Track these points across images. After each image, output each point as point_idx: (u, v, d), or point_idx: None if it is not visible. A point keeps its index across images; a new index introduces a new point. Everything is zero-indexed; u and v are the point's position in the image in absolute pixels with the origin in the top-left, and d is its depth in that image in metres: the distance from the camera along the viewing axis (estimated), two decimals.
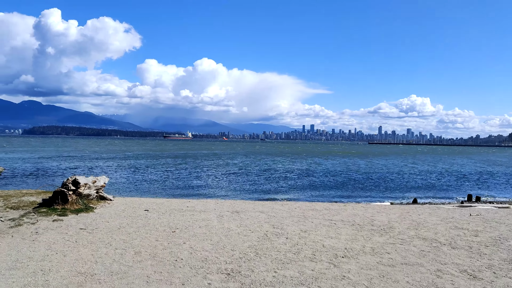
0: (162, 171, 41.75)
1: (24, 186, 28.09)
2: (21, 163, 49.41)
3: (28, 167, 43.71)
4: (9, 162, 49.68)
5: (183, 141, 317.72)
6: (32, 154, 67.23)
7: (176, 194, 24.71)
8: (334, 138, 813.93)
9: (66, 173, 38.71)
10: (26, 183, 30.19)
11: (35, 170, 40.43)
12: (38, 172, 38.67)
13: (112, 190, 26.07)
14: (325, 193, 28.85)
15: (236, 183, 32.30)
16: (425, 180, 40.27)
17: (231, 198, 24.68)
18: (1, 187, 27.92)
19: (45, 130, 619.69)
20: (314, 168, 51.33)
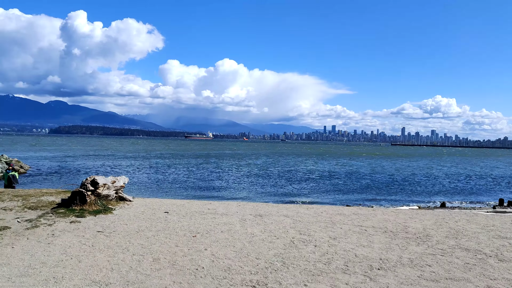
0: (184, 171, 41.63)
1: (47, 184, 28.33)
2: (48, 161, 50.31)
3: (54, 166, 44.38)
4: (35, 160, 50.67)
5: (204, 141, 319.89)
6: (58, 153, 68.53)
7: (197, 195, 24.32)
8: (356, 139, 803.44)
9: (90, 171, 39.03)
10: (50, 182, 30.47)
11: (60, 169, 40.96)
12: (62, 171, 39.14)
13: (133, 190, 25.92)
14: (349, 196, 27.94)
15: (257, 185, 31.76)
16: (452, 183, 38.74)
17: (253, 200, 24.12)
18: (26, 185, 28.22)
19: (70, 129, 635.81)
20: (337, 170, 50.27)
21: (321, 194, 28.32)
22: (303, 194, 27.85)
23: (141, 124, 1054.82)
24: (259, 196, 25.91)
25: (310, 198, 25.98)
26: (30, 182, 30.09)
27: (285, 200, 24.97)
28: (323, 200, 25.71)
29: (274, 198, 25.75)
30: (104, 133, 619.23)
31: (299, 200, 25.35)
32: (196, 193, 26.62)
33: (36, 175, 35.34)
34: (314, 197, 26.70)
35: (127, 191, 24.12)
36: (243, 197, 25.51)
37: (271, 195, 26.64)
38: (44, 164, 46.08)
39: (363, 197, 27.69)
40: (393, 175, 45.09)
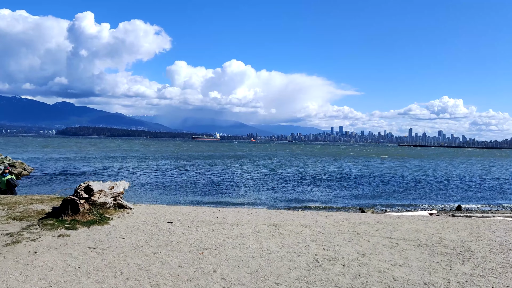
0: (192, 173, 40.43)
1: (47, 187, 27.24)
2: (52, 163, 49.43)
3: (58, 167, 43.46)
4: (40, 162, 49.83)
5: (211, 142, 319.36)
6: (64, 154, 67.75)
7: (205, 201, 23.04)
8: (363, 140, 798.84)
9: (95, 173, 37.99)
10: (51, 184, 29.43)
11: (64, 171, 39.99)
12: (67, 173, 38.17)
13: (138, 194, 24.74)
14: (362, 199, 26.56)
15: (268, 187, 30.43)
16: (465, 184, 37.23)
17: (264, 204, 22.82)
18: (28, 187, 27.20)
19: (77, 130, 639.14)
20: (347, 171, 48.78)
21: (333, 197, 26.93)
22: (315, 197, 26.49)
23: (148, 125, 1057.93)
24: (270, 200, 24.61)
25: (322, 202, 24.64)
26: (31, 184, 29.08)
27: (297, 204, 23.65)
28: (336, 203, 24.36)
29: (285, 202, 24.44)
30: (111, 134, 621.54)
31: (312, 205, 24.02)
32: (203, 197, 25.38)
33: (39, 177, 34.37)
34: (327, 200, 25.33)
35: (130, 196, 22.93)
36: (254, 201, 24.22)
37: (282, 199, 25.30)
38: (49, 166, 45.20)
39: (376, 200, 26.33)
40: (404, 176, 43.57)
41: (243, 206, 20.37)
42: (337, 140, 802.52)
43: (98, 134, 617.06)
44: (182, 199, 23.73)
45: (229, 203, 22.30)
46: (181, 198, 24.03)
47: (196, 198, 24.32)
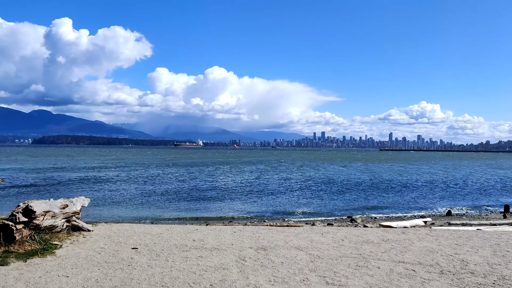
0: (172, 183, 38.14)
1: (11, 202, 24.69)
2: (25, 173, 46.42)
3: (30, 178, 40.63)
4: (12, 172, 46.71)
5: (194, 149, 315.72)
6: (39, 164, 64.29)
7: (183, 216, 20.98)
8: (345, 145, 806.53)
9: (70, 184, 35.39)
10: (20, 196, 26.91)
11: (36, 181, 37.23)
12: (39, 183, 35.49)
13: (108, 209, 22.50)
14: (350, 206, 25.02)
15: (254, 196, 28.48)
16: (450, 187, 36.42)
17: (251, 214, 20.97)
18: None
19: (55, 139, 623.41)
20: (332, 176, 47.36)
21: (321, 203, 25.28)
22: (302, 204, 24.77)
23: (129, 133, 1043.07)
24: (256, 209, 22.76)
25: (310, 209, 22.99)
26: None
27: (284, 213, 21.89)
28: (323, 210, 22.78)
29: (272, 211, 22.69)
30: (91, 143, 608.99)
31: (299, 210, 22.34)
32: (180, 211, 23.34)
33: (7, 188, 31.63)
34: (314, 207, 23.67)
35: (97, 212, 20.71)
36: (238, 211, 22.32)
37: (269, 208, 23.48)
38: (20, 176, 42.23)
39: (364, 205, 24.93)
40: (388, 180, 42.40)
41: (225, 221, 18.47)
42: (320, 145, 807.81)
43: (77, 143, 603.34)
44: (156, 214, 21.60)
45: (210, 217, 20.35)
46: (156, 213, 21.88)
47: (173, 213, 22.22)
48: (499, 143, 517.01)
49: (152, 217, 20.28)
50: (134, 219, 19.98)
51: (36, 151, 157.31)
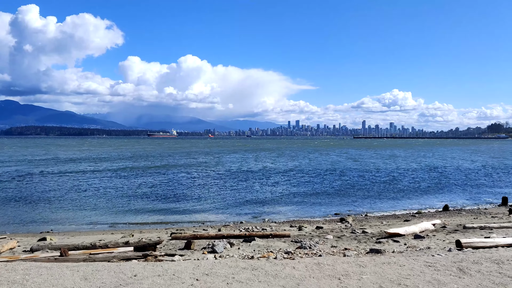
0: (139, 177, 35.38)
1: None
2: None
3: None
4: None
5: (168, 139, 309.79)
6: None
7: (144, 221, 18.57)
8: (319, 133, 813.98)
9: (23, 180, 32.15)
10: None
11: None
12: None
13: (63, 211, 19.80)
14: (335, 200, 23.23)
15: (229, 193, 26.18)
16: (435, 177, 34.92)
17: (224, 215, 18.78)
18: None
19: (24, 130, 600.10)
20: (313, 166, 45.72)
21: (304, 198, 23.38)
22: (284, 201, 22.79)
23: (101, 123, 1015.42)
24: (231, 210, 20.58)
25: (294, 207, 21.02)
26: None
27: (265, 210, 19.86)
28: (308, 208, 20.83)
29: (250, 212, 20.59)
30: (61, 134, 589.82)
31: (282, 208, 20.36)
32: (147, 208, 20.92)
33: None
34: (298, 203, 21.72)
35: (55, 213, 17.96)
36: (213, 209, 20.13)
37: (246, 208, 21.36)
38: None
39: (348, 201, 23.19)
40: (367, 171, 40.89)
41: (195, 225, 16.23)
42: (294, 134, 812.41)
43: (47, 134, 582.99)
44: (118, 215, 19.09)
45: (178, 221, 18.01)
46: (117, 215, 19.37)
47: (135, 216, 19.76)
48: (468, 130, 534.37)
49: (111, 221, 17.84)
50: (91, 222, 17.52)
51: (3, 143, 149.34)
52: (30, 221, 18.00)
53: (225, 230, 14.63)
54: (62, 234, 14.94)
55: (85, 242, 10.12)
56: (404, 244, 9.55)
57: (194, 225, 16.89)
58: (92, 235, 14.36)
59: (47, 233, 15.32)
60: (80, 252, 8.99)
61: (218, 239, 11.27)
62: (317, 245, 9.55)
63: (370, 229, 12.60)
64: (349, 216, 17.86)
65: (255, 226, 15.48)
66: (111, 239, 12.39)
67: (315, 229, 13.90)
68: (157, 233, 14.12)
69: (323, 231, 12.86)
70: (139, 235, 13.67)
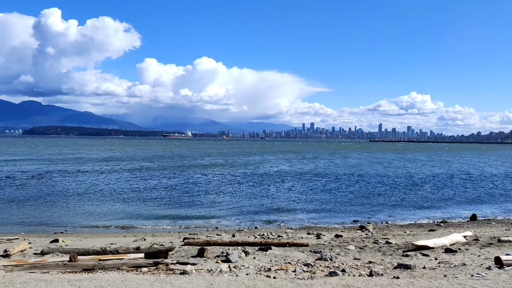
0: (154, 178, 35.19)
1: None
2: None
3: (3, 171, 37.46)
4: None
5: (183, 140, 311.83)
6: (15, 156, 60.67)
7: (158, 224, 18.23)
8: (334, 136, 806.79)
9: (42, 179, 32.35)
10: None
11: (8, 176, 34.09)
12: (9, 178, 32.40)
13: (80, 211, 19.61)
14: (354, 207, 22.46)
15: (243, 195, 25.67)
16: (460, 184, 33.27)
17: (238, 219, 18.25)
18: None
19: (45, 130, 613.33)
20: (330, 169, 44.66)
21: (321, 204, 22.70)
22: (300, 206, 22.17)
23: (118, 124, 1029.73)
24: (247, 211, 20.09)
25: (310, 213, 20.39)
26: None
27: (280, 215, 19.27)
28: (326, 214, 20.17)
29: (265, 211, 20.14)
30: (80, 134, 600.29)
31: (298, 214, 19.75)
32: (160, 211, 20.60)
33: None
34: (314, 210, 21.07)
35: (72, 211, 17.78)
36: (227, 213, 19.65)
37: (260, 211, 20.84)
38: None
39: (367, 207, 22.40)
40: (387, 175, 39.78)
41: (209, 229, 15.76)
42: (309, 136, 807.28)
43: (66, 133, 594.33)
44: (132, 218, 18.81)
45: (191, 226, 17.59)
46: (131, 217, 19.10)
47: (148, 221, 19.46)
48: (490, 134, 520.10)
49: (125, 222, 17.59)
50: (105, 223, 17.29)
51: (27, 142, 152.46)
52: (46, 220, 17.96)
53: (239, 236, 14.12)
54: (75, 235, 14.69)
55: (95, 247, 9.76)
56: (435, 259, 8.84)
57: (207, 229, 16.46)
58: (105, 237, 14.05)
59: (60, 234, 15.11)
60: (89, 257, 8.61)
61: (232, 246, 10.78)
62: (338, 256, 8.95)
63: (394, 239, 11.90)
64: (369, 223, 17.14)
65: (271, 232, 14.92)
66: (123, 243, 12.02)
67: (334, 237, 13.26)
68: (169, 237, 13.70)
69: (343, 240, 12.23)
70: (151, 239, 13.28)
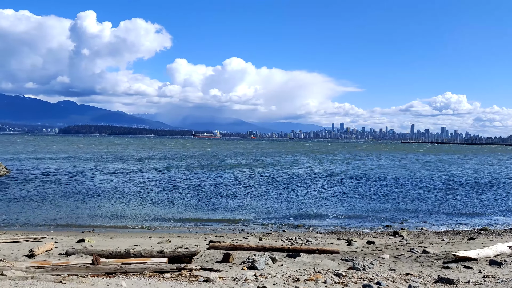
0: (183, 177, 35.32)
1: None
2: (36, 163, 44.70)
3: (40, 169, 38.72)
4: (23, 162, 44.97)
5: (212, 140, 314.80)
6: (54, 154, 62.80)
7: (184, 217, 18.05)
8: (365, 137, 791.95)
9: (75, 177, 33.15)
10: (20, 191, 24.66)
11: (44, 173, 35.18)
12: (44, 175, 33.43)
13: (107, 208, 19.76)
14: (375, 209, 21.58)
15: (270, 197, 25.22)
16: (501, 189, 31.25)
17: (265, 220, 17.83)
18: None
19: (79, 129, 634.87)
20: (360, 170, 43.29)
21: (351, 207, 21.93)
22: (329, 209, 21.48)
23: (149, 123, 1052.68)
24: (274, 211, 19.63)
25: (339, 213, 19.76)
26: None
27: (308, 217, 18.68)
28: (355, 216, 19.45)
29: (293, 212, 19.64)
30: (112, 132, 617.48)
31: (326, 216, 19.10)
32: (188, 208, 20.47)
33: (9, 181, 29.53)
34: (343, 213, 20.33)
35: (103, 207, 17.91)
36: (254, 213, 19.24)
37: (289, 208, 20.37)
38: (31, 167, 40.34)
39: (400, 211, 21.49)
40: (421, 178, 38.12)
41: (235, 231, 15.42)
42: (338, 137, 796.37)
43: (99, 132, 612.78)
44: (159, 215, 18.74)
45: (216, 226, 17.30)
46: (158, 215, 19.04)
47: (176, 214, 19.35)
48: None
49: (152, 222, 17.53)
50: (133, 223, 17.29)
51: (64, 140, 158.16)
52: (76, 217, 18.24)
53: (266, 239, 13.69)
54: (102, 235, 14.69)
55: (119, 249, 9.58)
56: (479, 272, 8.10)
57: (234, 232, 16.14)
58: (131, 237, 13.96)
59: (88, 233, 15.19)
60: (112, 260, 8.42)
61: (259, 251, 10.37)
62: (372, 266, 8.36)
63: (431, 248, 11.13)
64: (403, 229, 16.30)
65: (299, 236, 14.41)
66: (148, 244, 11.85)
67: (366, 243, 12.60)
68: (195, 239, 13.45)
69: (376, 248, 11.56)
70: (176, 240, 13.06)
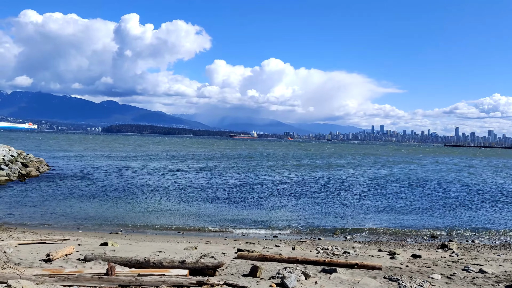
0: (212, 177, 34.90)
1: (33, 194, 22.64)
2: (77, 161, 46.04)
3: (79, 166, 39.73)
4: (65, 160, 46.48)
5: (249, 141, 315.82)
6: (97, 152, 64.70)
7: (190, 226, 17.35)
8: (405, 140, 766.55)
9: (112, 175, 33.57)
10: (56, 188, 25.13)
11: (82, 170, 35.98)
12: (82, 173, 34.17)
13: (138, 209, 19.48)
14: (419, 217, 20.02)
15: (307, 198, 24.12)
16: None
17: (299, 227, 16.78)
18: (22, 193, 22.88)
19: (121, 128, 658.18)
20: (395, 176, 41.13)
21: (386, 215, 20.41)
22: (369, 215, 20.14)
23: (187, 124, 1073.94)
24: (309, 217, 18.53)
25: (378, 222, 18.42)
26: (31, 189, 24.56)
27: (346, 225, 17.43)
28: (397, 226, 17.96)
29: (329, 219, 18.43)
30: (152, 132, 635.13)
31: (365, 225, 17.77)
32: (220, 212, 19.79)
33: (48, 178, 30.27)
34: (385, 219, 18.91)
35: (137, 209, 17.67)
36: (288, 218, 18.23)
37: (324, 215, 19.19)
38: (71, 164, 41.51)
39: (447, 219, 19.82)
40: (470, 184, 35.60)
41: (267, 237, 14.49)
42: (378, 139, 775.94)
43: (140, 132, 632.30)
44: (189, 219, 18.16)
45: (248, 231, 16.45)
46: (189, 219, 18.48)
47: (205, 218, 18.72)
48: None
49: (182, 224, 17.01)
50: (162, 225, 16.82)
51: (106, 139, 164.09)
52: (109, 216, 18.13)
53: (300, 248, 12.68)
54: (128, 237, 14.24)
55: (139, 256, 8.94)
56: None
57: (266, 238, 15.28)
58: (157, 241, 13.41)
59: (115, 235, 14.84)
60: (128, 271, 7.76)
61: (291, 264, 9.40)
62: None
63: (489, 267, 9.70)
64: (452, 241, 14.76)
65: (336, 246, 13.30)
66: (173, 250, 11.20)
67: (410, 257, 11.31)
68: (223, 246, 12.67)
69: (424, 263, 10.25)
70: (204, 246, 12.33)
